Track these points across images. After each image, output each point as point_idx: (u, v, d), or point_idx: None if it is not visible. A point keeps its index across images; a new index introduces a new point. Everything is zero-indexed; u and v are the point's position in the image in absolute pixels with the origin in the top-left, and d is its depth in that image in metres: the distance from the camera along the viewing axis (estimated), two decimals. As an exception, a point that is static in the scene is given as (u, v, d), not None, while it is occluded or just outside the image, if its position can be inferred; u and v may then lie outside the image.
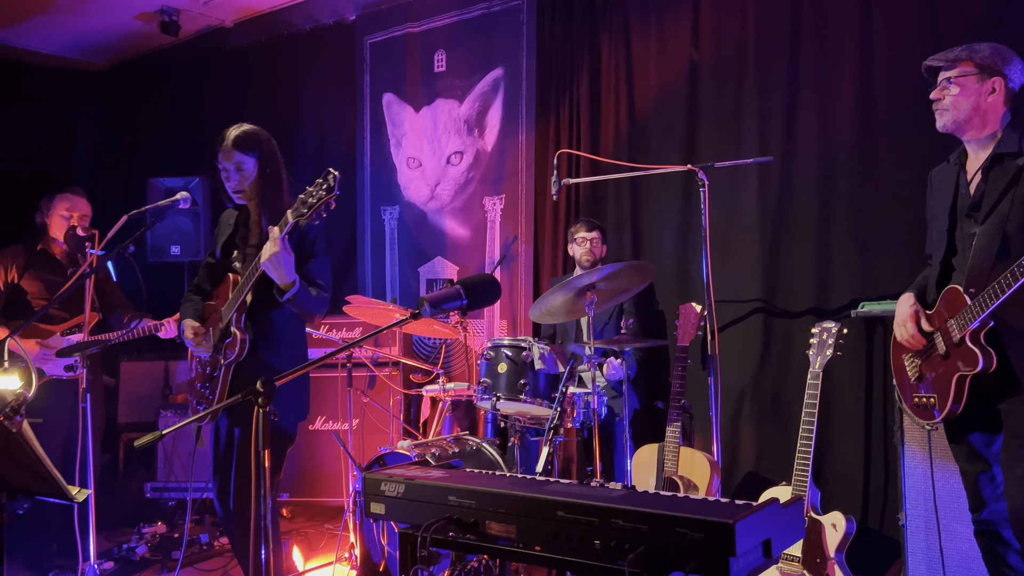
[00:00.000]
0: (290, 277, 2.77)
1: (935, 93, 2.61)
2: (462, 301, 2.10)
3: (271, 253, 2.70)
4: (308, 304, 2.87)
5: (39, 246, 4.10)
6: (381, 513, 1.98)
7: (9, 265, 4.03)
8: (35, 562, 3.90)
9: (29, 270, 4.03)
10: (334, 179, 2.63)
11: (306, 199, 2.67)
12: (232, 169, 2.93)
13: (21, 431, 1.93)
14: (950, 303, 2.51)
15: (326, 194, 2.62)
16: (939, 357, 2.52)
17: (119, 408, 5.15)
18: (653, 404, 4.23)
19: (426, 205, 5.35)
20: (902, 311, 2.66)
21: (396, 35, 5.45)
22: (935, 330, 2.55)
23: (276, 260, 2.70)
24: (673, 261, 4.33)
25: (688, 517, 1.55)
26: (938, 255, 2.64)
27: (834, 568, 2.89)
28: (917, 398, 2.60)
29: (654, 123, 4.45)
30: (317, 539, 4.51)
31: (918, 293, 2.69)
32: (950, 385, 2.46)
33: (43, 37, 6.03)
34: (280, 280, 2.77)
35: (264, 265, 2.73)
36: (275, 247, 2.69)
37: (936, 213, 2.70)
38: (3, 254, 4.08)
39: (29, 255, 4.07)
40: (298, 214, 2.67)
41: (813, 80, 3.94)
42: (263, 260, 2.72)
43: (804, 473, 2.99)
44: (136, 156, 6.43)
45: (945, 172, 2.70)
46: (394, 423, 4.49)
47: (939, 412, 2.51)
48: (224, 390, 2.91)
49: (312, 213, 2.64)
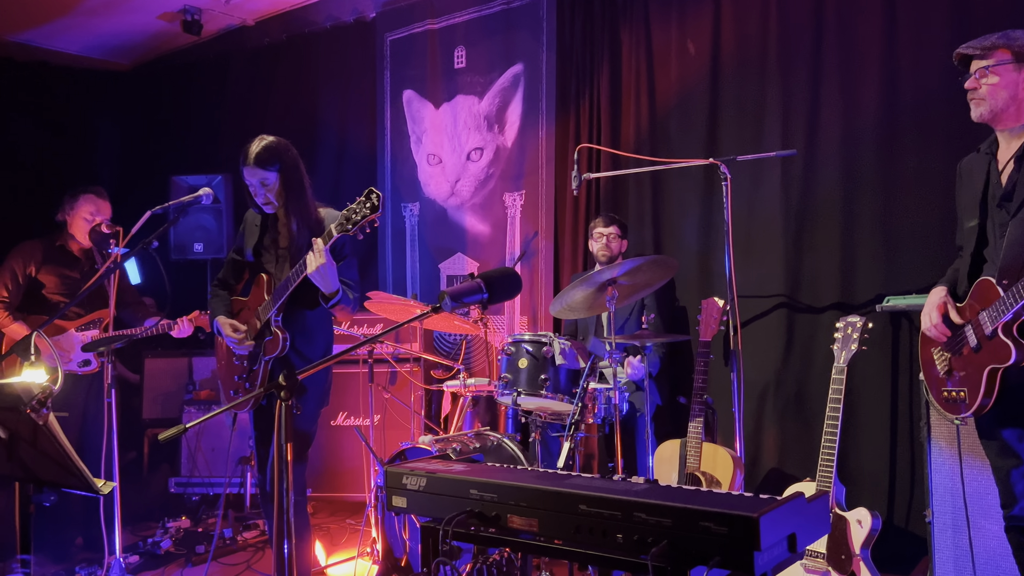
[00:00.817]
0: (335, 285, 2.95)
1: (970, 83, 2.55)
2: (483, 295, 2.10)
3: (318, 265, 2.85)
4: (348, 306, 3.07)
5: (57, 242, 4.14)
6: (403, 507, 1.99)
7: (28, 259, 4.08)
8: (61, 555, 3.95)
9: (47, 264, 4.09)
10: (377, 199, 2.75)
11: (350, 216, 2.80)
12: (257, 184, 3.05)
13: (48, 423, 1.95)
14: (982, 295, 2.46)
15: (370, 212, 2.77)
16: (970, 350, 2.47)
17: (143, 404, 5.21)
18: (675, 400, 4.21)
19: (446, 201, 5.35)
20: (930, 301, 2.61)
21: (416, 32, 5.46)
22: (966, 323, 2.50)
23: (323, 271, 2.87)
24: (695, 256, 4.30)
25: (712, 511, 1.53)
26: (968, 247, 2.59)
27: (859, 565, 2.86)
28: (946, 392, 2.56)
29: (675, 117, 4.42)
30: (339, 534, 4.53)
31: (950, 286, 2.65)
32: (981, 379, 2.41)
33: (67, 38, 6.10)
34: (326, 289, 2.94)
35: (312, 276, 2.88)
36: (321, 259, 2.85)
37: (966, 204, 2.64)
38: (22, 249, 4.12)
39: (47, 250, 4.12)
40: (342, 229, 2.81)
41: (837, 72, 3.90)
42: (310, 271, 2.87)
43: (829, 468, 2.96)
44: (159, 154, 6.49)
45: (975, 162, 2.65)
46: (415, 419, 4.50)
47: (969, 406, 2.46)
48: (264, 382, 3.07)
49: (356, 229, 2.79)
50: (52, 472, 2.10)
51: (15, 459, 2.12)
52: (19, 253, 4.10)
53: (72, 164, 6.16)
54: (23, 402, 1.94)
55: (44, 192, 5.68)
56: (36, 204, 5.55)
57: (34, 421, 1.96)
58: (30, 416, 1.94)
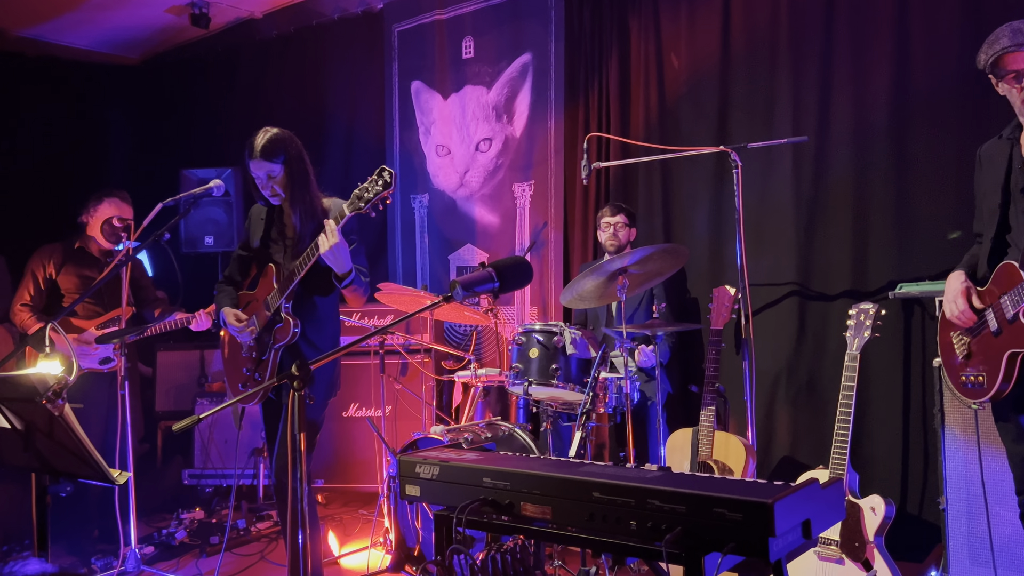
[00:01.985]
0: (348, 266, 2.95)
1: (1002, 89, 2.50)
2: (494, 284, 2.09)
3: (331, 244, 2.84)
4: (360, 288, 3.07)
5: (77, 244, 4.16)
6: (416, 495, 1.99)
7: (47, 262, 4.10)
8: (77, 547, 3.98)
9: (66, 265, 4.10)
10: (390, 175, 2.75)
11: (362, 194, 2.80)
12: (263, 177, 3.05)
13: (63, 414, 1.96)
14: (1004, 279, 2.44)
15: (383, 189, 2.76)
16: (990, 335, 2.46)
17: (156, 397, 5.24)
18: (687, 388, 4.20)
19: (455, 192, 5.35)
20: (952, 288, 2.59)
21: (424, 22, 5.45)
22: (987, 307, 2.48)
23: (336, 250, 2.86)
24: (706, 244, 4.29)
25: (726, 497, 1.53)
26: (989, 232, 2.56)
27: (873, 552, 2.85)
28: (964, 377, 2.54)
29: (685, 105, 4.40)
30: (352, 524, 4.56)
31: (968, 271, 2.62)
32: (1000, 363, 2.39)
33: (76, 33, 6.11)
34: (339, 269, 2.94)
35: (325, 255, 2.88)
36: (335, 238, 2.84)
37: (987, 190, 2.61)
38: (42, 252, 4.15)
39: (67, 252, 4.14)
40: (355, 207, 2.81)
41: (848, 58, 3.87)
42: (322, 251, 2.86)
43: (842, 456, 2.95)
44: (169, 148, 6.51)
45: (996, 148, 2.62)
46: (426, 409, 4.51)
47: (987, 391, 2.45)
48: (274, 372, 3.08)
49: (369, 207, 2.79)
50: (68, 462, 2.12)
51: (31, 450, 2.13)
52: (39, 256, 4.14)
53: (83, 158, 6.18)
54: (39, 393, 1.95)
55: (55, 186, 5.72)
56: (47, 198, 5.59)
57: (50, 412, 1.97)
58: (46, 407, 1.95)
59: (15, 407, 2.11)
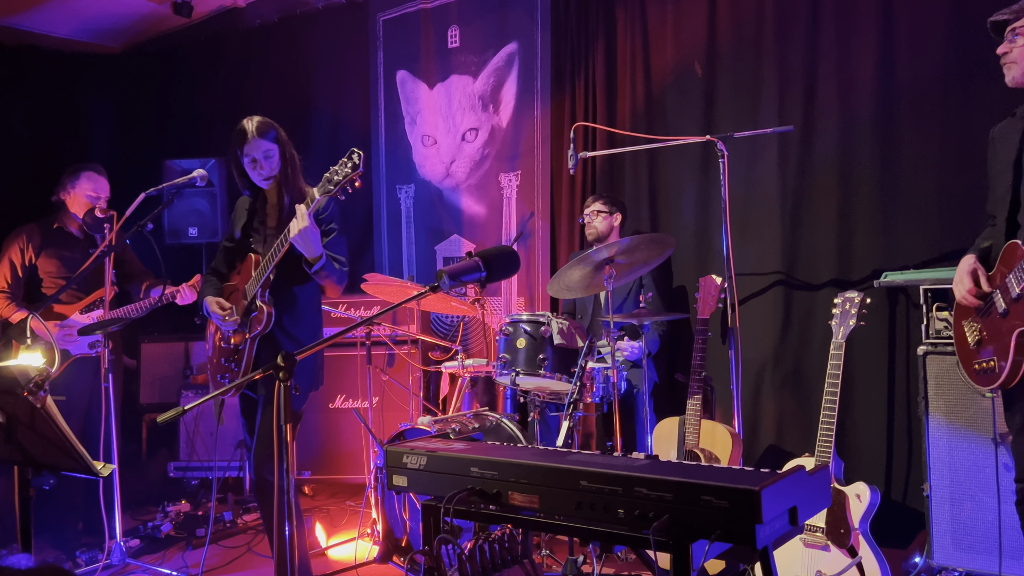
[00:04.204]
0: (318, 251, 2.92)
1: (1002, 47, 2.49)
2: (481, 273, 2.09)
3: (300, 228, 2.82)
4: (333, 276, 3.03)
5: (55, 224, 4.06)
6: (403, 485, 1.99)
7: (25, 246, 4.00)
8: (62, 541, 3.95)
9: (46, 248, 4.01)
10: (359, 157, 2.74)
11: (331, 176, 2.78)
12: (261, 157, 3.05)
13: (45, 406, 1.94)
14: (1008, 259, 2.40)
15: (351, 171, 2.74)
16: (998, 316, 2.41)
17: (141, 389, 5.20)
18: (673, 377, 4.21)
19: (442, 183, 5.33)
20: (961, 269, 2.55)
21: (409, 11, 5.41)
22: (994, 289, 2.45)
23: (305, 234, 2.84)
24: (692, 234, 4.29)
25: (713, 485, 1.54)
26: (1002, 213, 2.51)
27: (859, 539, 2.87)
28: (977, 364, 2.50)
29: (671, 95, 4.39)
30: (339, 516, 4.55)
31: (980, 254, 2.58)
32: (1010, 343, 2.34)
33: (57, 21, 6.02)
34: (309, 253, 2.92)
35: (294, 239, 2.86)
36: (304, 222, 2.83)
37: (1000, 170, 2.56)
38: (18, 234, 4.03)
39: (45, 234, 4.04)
40: (324, 190, 2.79)
41: (834, 49, 3.87)
42: (292, 235, 2.85)
43: (828, 443, 2.97)
44: (152, 138, 6.44)
45: (1009, 127, 2.57)
46: (414, 400, 4.51)
47: (999, 376, 2.38)
48: (250, 363, 3.06)
49: (338, 190, 2.77)
50: (51, 455, 2.10)
51: (13, 442, 2.11)
52: (16, 240, 4.03)
53: (64, 148, 6.10)
54: (20, 385, 1.93)
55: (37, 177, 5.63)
56: (28, 189, 5.50)
57: (32, 404, 1.95)
58: (27, 399, 1.93)
59: (-4, 399, 2.08)
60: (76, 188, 4.03)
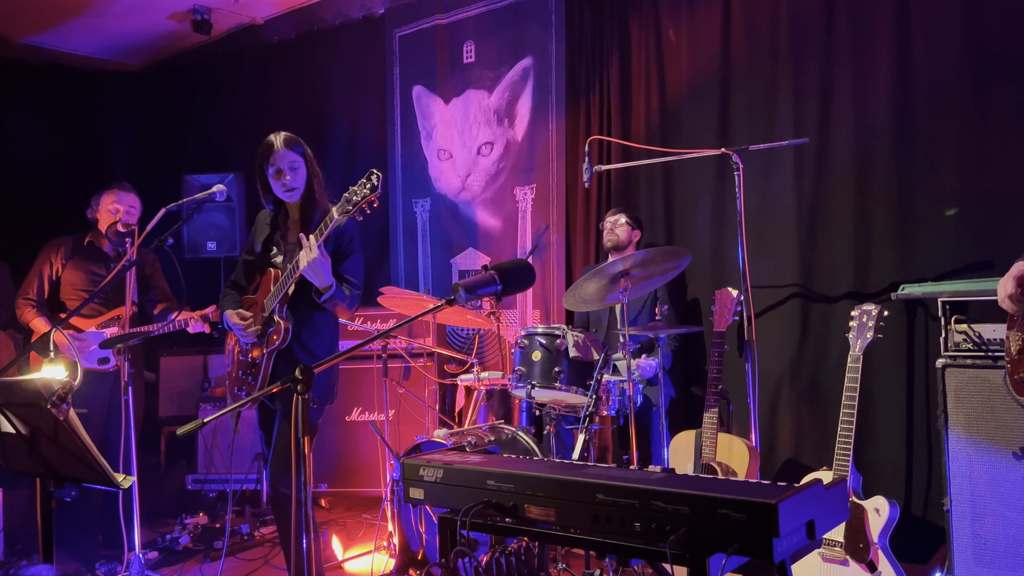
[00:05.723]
0: (328, 281, 2.95)
1: None
2: (497, 286, 2.10)
3: (309, 260, 2.85)
4: (343, 302, 3.06)
5: (87, 239, 4.19)
6: (420, 498, 2.00)
7: (55, 256, 4.14)
8: (82, 553, 3.98)
9: (74, 259, 4.13)
10: (377, 179, 2.76)
11: (350, 197, 2.80)
12: (287, 168, 3.08)
13: (68, 419, 1.97)
14: None
15: (370, 192, 2.76)
16: None
17: (160, 402, 5.25)
18: (689, 391, 4.20)
19: (457, 196, 5.36)
20: (1008, 273, 2.53)
21: (425, 27, 5.46)
22: None
23: (315, 265, 2.87)
24: (707, 247, 4.29)
25: (730, 498, 1.53)
26: None
27: (878, 553, 2.85)
28: (1019, 375, 2.47)
29: (686, 108, 4.40)
30: (355, 528, 4.55)
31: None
32: None
33: (78, 39, 6.13)
34: (319, 283, 2.95)
35: (304, 271, 2.89)
36: (313, 254, 2.85)
37: None
38: (51, 245, 4.18)
39: (76, 246, 4.17)
40: (343, 211, 2.81)
41: (849, 60, 3.87)
42: (302, 267, 2.88)
43: (845, 457, 2.95)
44: (172, 154, 6.52)
45: None
46: (429, 413, 4.51)
47: None
48: (266, 377, 3.08)
49: (356, 210, 2.78)
50: (73, 467, 2.12)
51: (36, 455, 2.14)
52: (48, 251, 4.17)
53: (86, 164, 6.20)
54: (43, 398, 1.96)
55: (60, 192, 5.73)
56: (52, 204, 5.60)
57: (54, 417, 1.98)
58: (50, 412, 1.96)
59: (20, 412, 2.11)
60: (101, 204, 4.15)
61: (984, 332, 3.02)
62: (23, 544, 4.11)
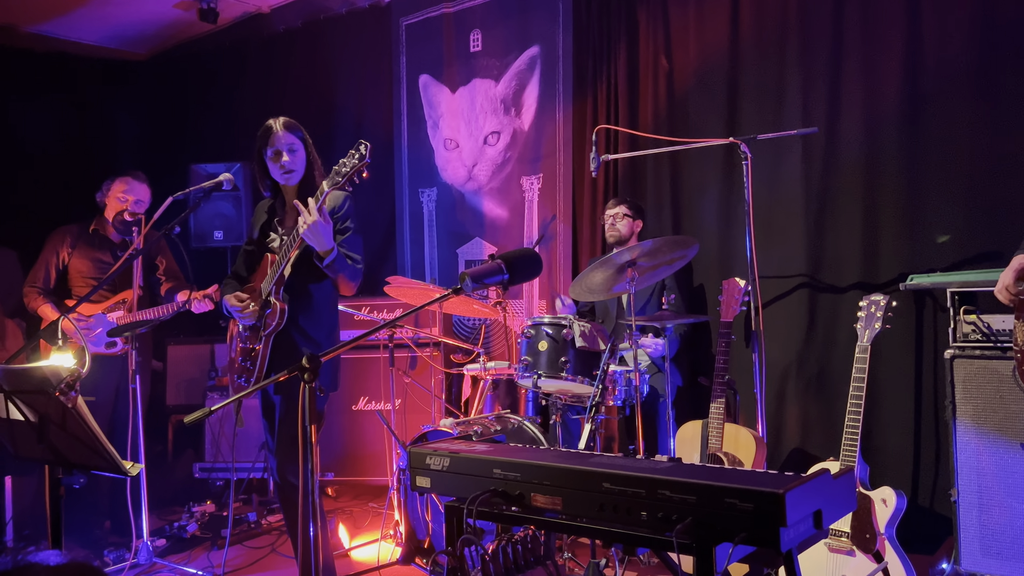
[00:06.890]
0: (329, 244, 2.93)
1: None
2: (503, 276, 2.09)
3: (309, 223, 2.85)
4: (346, 271, 3.03)
5: (92, 226, 4.21)
6: (426, 486, 2.00)
7: (61, 244, 4.17)
8: (90, 540, 4.02)
9: (80, 247, 4.15)
10: (365, 148, 2.77)
11: (339, 169, 2.82)
12: (285, 149, 3.08)
13: (76, 406, 1.98)
14: None
15: (359, 162, 2.77)
16: None
17: (167, 391, 5.27)
18: (696, 380, 4.20)
19: (464, 186, 5.35)
20: (1009, 266, 2.54)
21: (431, 16, 5.44)
22: None
23: (315, 228, 2.86)
24: (715, 237, 4.27)
25: (737, 487, 1.53)
26: None
27: (884, 544, 2.85)
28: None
29: (694, 97, 4.37)
30: (362, 517, 4.57)
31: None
32: None
33: (85, 28, 6.12)
34: (320, 247, 2.92)
35: (304, 234, 2.88)
36: (313, 216, 2.85)
37: None
38: (58, 234, 4.20)
39: (82, 234, 4.20)
40: (333, 183, 2.82)
41: (858, 48, 3.84)
42: (302, 230, 2.87)
43: (853, 447, 2.94)
44: (178, 143, 6.52)
45: None
46: (436, 402, 4.52)
47: None
48: (264, 360, 3.06)
49: (345, 181, 2.79)
50: (81, 454, 2.13)
51: (45, 442, 2.15)
52: (55, 239, 4.20)
53: (92, 153, 6.20)
54: (52, 385, 1.97)
55: (66, 181, 5.75)
56: (58, 194, 5.62)
57: (63, 404, 1.98)
58: (59, 399, 1.97)
59: (29, 399, 2.12)
60: (112, 189, 4.17)
61: (993, 323, 3.00)
62: (31, 530, 4.14)
